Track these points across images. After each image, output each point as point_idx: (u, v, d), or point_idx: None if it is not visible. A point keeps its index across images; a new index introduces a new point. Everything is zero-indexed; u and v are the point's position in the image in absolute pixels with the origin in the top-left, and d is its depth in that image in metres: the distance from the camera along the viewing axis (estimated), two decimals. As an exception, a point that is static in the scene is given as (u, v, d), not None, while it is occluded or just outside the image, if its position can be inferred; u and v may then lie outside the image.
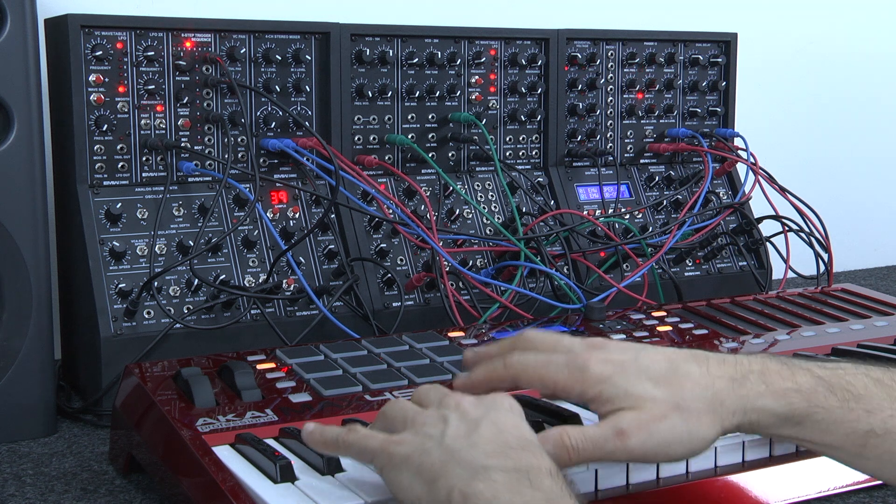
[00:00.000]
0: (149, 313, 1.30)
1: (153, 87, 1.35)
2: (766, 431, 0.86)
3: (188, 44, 1.37)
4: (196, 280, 1.31)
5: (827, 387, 0.84)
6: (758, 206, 1.71)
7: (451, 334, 1.23)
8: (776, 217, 1.68)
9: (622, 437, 0.81)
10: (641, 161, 1.73)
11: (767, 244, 1.70)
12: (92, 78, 1.32)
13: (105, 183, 1.34)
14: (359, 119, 1.50)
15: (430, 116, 1.55)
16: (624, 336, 1.25)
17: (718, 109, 1.76)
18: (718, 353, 0.88)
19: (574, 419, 0.93)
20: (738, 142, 1.74)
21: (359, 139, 1.50)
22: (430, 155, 1.54)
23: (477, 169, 1.59)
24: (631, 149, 1.72)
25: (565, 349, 0.89)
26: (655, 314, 1.35)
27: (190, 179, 1.39)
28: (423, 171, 1.55)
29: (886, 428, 0.83)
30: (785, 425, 0.84)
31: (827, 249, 1.66)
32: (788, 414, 0.84)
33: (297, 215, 1.43)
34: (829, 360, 0.88)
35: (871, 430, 0.83)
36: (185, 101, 1.37)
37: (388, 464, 0.79)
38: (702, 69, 1.75)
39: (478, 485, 0.73)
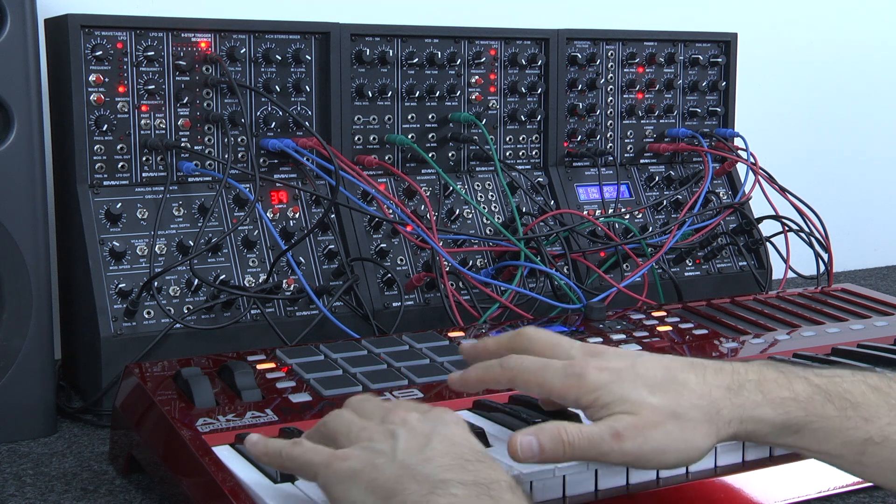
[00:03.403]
0: (149, 313, 1.30)
1: (153, 87, 1.35)
2: (762, 440, 0.86)
3: (193, 44, 1.37)
4: (196, 280, 1.31)
5: (824, 395, 0.84)
6: (758, 206, 1.71)
7: (451, 334, 1.23)
8: (776, 217, 1.68)
9: (618, 438, 0.81)
10: (641, 161, 1.73)
11: (767, 244, 1.70)
12: (92, 78, 1.32)
13: (105, 183, 1.34)
14: (359, 119, 1.50)
15: (430, 116, 1.55)
16: (624, 336, 1.25)
17: (718, 109, 1.76)
18: (715, 362, 0.87)
19: (575, 418, 0.94)
20: (738, 142, 1.74)
21: (359, 139, 1.50)
22: (430, 155, 1.54)
23: (477, 169, 1.59)
24: (631, 149, 1.72)
25: (564, 354, 0.88)
26: (655, 314, 1.35)
27: (190, 179, 1.39)
28: (423, 171, 1.55)
29: (885, 435, 0.82)
30: (782, 434, 0.84)
31: (827, 249, 1.66)
32: (785, 423, 0.83)
33: (297, 215, 1.43)
34: (825, 367, 0.88)
35: (869, 438, 0.82)
36: (185, 101, 1.38)
37: (334, 480, 0.77)
38: (702, 69, 1.75)
39: (438, 500, 0.71)
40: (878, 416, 0.83)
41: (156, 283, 1.28)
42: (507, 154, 1.62)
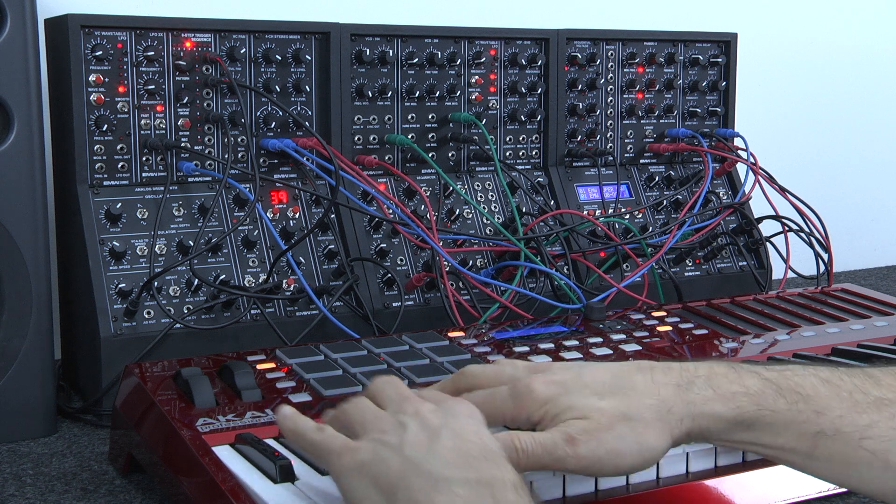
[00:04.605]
0: (149, 313, 1.30)
1: (153, 87, 1.35)
2: (716, 437, 0.85)
3: (188, 44, 1.37)
4: (196, 280, 1.31)
5: (775, 389, 0.83)
6: (758, 206, 1.71)
7: (451, 334, 1.23)
8: (776, 217, 1.68)
9: (572, 443, 0.80)
10: (641, 161, 1.73)
11: (767, 244, 1.70)
12: (92, 78, 1.32)
13: (105, 183, 1.34)
14: (359, 119, 1.50)
15: (430, 116, 1.55)
16: (624, 336, 1.25)
17: (718, 109, 1.76)
18: (664, 362, 0.87)
19: None
20: (738, 142, 1.74)
21: (359, 139, 1.50)
22: (430, 155, 1.54)
23: (477, 169, 1.59)
24: (631, 149, 1.72)
25: (508, 378, 0.88)
26: (655, 314, 1.35)
27: (190, 179, 1.39)
28: (423, 171, 1.55)
29: (836, 428, 0.82)
30: (735, 430, 0.84)
31: (827, 249, 1.66)
32: (737, 418, 0.83)
33: (297, 215, 1.43)
34: (777, 362, 0.88)
35: (820, 432, 0.82)
36: (185, 101, 1.38)
37: (344, 471, 0.77)
38: (702, 69, 1.75)
39: (439, 498, 0.71)
40: (829, 408, 0.82)
41: (156, 283, 1.28)
42: (507, 154, 1.62)
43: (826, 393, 0.83)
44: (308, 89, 1.45)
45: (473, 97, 1.57)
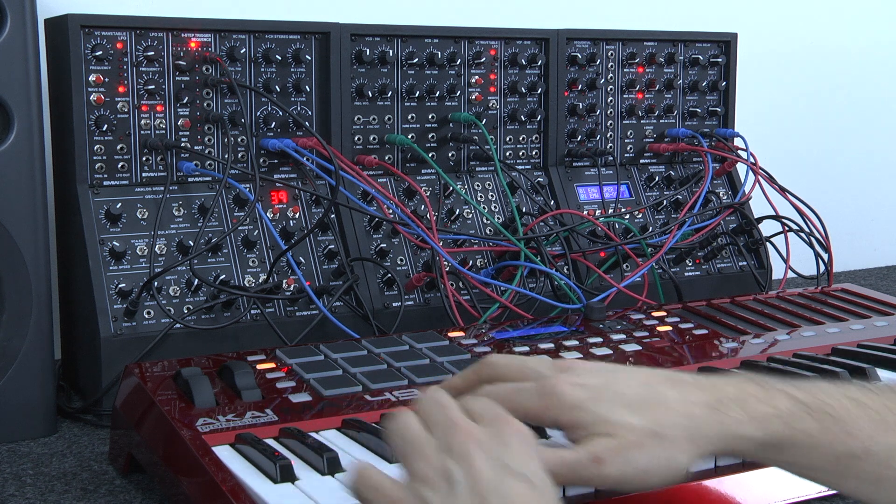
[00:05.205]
0: (149, 313, 1.30)
1: (153, 87, 1.35)
2: (744, 456, 0.85)
3: (188, 44, 1.37)
4: (196, 280, 1.31)
5: (806, 410, 0.82)
6: (758, 206, 1.71)
7: (451, 334, 1.23)
8: (776, 217, 1.68)
9: (599, 463, 0.79)
10: (641, 161, 1.73)
11: (767, 244, 1.70)
12: (92, 78, 1.32)
13: (105, 183, 1.34)
14: (359, 119, 1.50)
15: (430, 116, 1.55)
16: (624, 336, 1.25)
17: (718, 109, 1.76)
18: (695, 377, 0.86)
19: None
20: (738, 142, 1.74)
21: (359, 139, 1.50)
22: (430, 155, 1.54)
23: (477, 169, 1.59)
24: (631, 149, 1.72)
25: (534, 374, 0.86)
26: (655, 314, 1.35)
27: (190, 179, 1.39)
28: (423, 171, 1.55)
29: (867, 449, 0.81)
30: (764, 451, 0.83)
31: (827, 249, 1.66)
32: (768, 440, 0.82)
33: (297, 215, 1.43)
34: (806, 381, 0.87)
35: (851, 453, 0.81)
36: (185, 101, 1.38)
37: None
38: (702, 69, 1.75)
39: None
40: (859, 429, 0.82)
41: (156, 283, 1.28)
42: (507, 154, 1.62)
43: (856, 413, 0.82)
44: (308, 89, 1.45)
45: (473, 97, 1.57)
